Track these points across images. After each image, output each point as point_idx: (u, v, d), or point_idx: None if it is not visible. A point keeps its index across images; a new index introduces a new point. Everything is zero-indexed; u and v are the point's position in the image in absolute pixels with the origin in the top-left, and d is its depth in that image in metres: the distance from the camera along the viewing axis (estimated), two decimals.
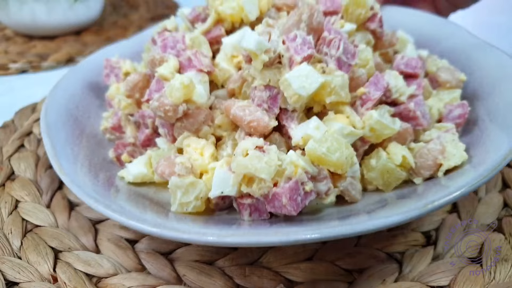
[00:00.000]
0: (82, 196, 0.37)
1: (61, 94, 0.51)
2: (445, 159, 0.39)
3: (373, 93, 0.40)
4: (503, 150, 0.37)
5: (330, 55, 0.39)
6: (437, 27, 0.60)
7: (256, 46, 0.37)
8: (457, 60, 0.53)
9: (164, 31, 0.51)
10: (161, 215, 0.37)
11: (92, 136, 0.50)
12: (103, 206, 0.35)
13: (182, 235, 0.32)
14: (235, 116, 0.39)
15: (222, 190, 0.36)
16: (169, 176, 0.38)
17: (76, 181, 0.39)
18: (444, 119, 0.46)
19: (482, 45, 0.53)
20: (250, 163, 0.35)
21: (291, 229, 0.33)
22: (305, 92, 0.37)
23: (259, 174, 0.34)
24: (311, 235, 0.31)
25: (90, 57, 0.60)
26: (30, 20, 0.87)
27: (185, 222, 0.36)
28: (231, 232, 0.33)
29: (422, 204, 0.33)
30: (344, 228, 0.31)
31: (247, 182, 0.36)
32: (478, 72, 0.51)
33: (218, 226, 0.36)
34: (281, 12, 0.48)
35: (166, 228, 0.33)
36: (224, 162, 0.38)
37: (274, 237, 0.31)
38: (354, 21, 0.47)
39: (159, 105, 0.39)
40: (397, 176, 0.39)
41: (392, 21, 0.61)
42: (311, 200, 0.36)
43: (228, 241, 0.32)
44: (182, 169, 0.38)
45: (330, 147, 0.36)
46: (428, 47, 0.57)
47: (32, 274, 0.40)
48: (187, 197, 0.37)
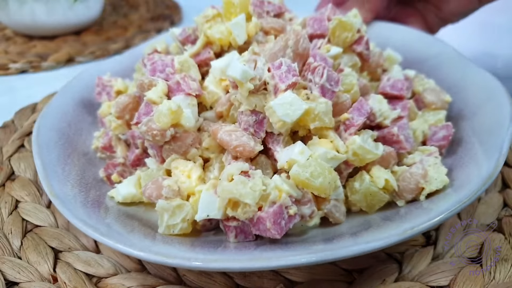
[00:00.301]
0: (72, 219, 0.37)
1: (53, 112, 0.52)
2: (427, 183, 0.40)
3: (356, 118, 0.41)
4: (483, 174, 0.38)
5: (314, 82, 0.40)
6: (425, 44, 0.61)
7: (241, 75, 0.38)
8: (443, 79, 0.54)
9: (154, 52, 0.52)
10: (149, 237, 0.38)
11: (84, 154, 0.51)
12: (92, 229, 0.36)
13: (167, 260, 0.33)
14: (221, 140, 0.40)
15: (208, 213, 0.37)
16: (156, 198, 0.39)
17: (67, 203, 0.39)
18: (428, 141, 0.47)
19: (469, 65, 0.54)
20: (235, 188, 0.35)
21: (275, 254, 0.34)
22: (289, 119, 0.38)
23: (244, 199, 0.35)
24: (292, 261, 0.32)
25: (82, 74, 0.60)
26: (30, 20, 0.88)
27: (171, 245, 0.37)
28: (216, 257, 0.34)
29: (402, 230, 0.34)
30: (326, 253, 0.32)
31: (232, 206, 0.37)
32: (464, 92, 0.52)
33: (204, 250, 0.37)
34: (269, 36, 0.49)
35: (152, 252, 0.34)
36: (211, 186, 0.39)
37: (258, 262, 0.32)
38: (340, 44, 0.48)
39: (147, 130, 0.40)
40: (380, 199, 0.40)
41: (381, 37, 0.62)
42: (295, 223, 0.37)
43: (213, 266, 0.33)
44: (169, 192, 0.39)
45: (314, 172, 0.37)
46: (416, 64, 0.58)
47: (32, 274, 0.40)
48: (173, 219, 0.38)
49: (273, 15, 0.52)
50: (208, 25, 0.48)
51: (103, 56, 0.88)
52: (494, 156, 0.39)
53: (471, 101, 0.50)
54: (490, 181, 0.37)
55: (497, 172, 0.37)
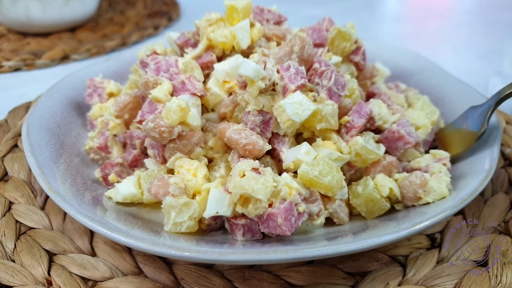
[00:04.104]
0: (76, 215, 0.36)
1: (42, 113, 0.51)
2: (425, 192, 0.40)
3: (356, 120, 0.42)
4: (480, 173, 0.40)
5: (322, 85, 0.42)
6: (410, 60, 0.65)
7: (254, 73, 0.38)
8: (428, 93, 0.57)
9: (154, 54, 0.52)
10: (153, 234, 0.37)
11: (76, 155, 0.50)
12: (99, 224, 0.35)
13: (183, 253, 0.33)
14: (230, 139, 0.40)
15: (217, 210, 0.37)
16: (163, 196, 0.39)
17: (68, 199, 0.39)
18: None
19: (451, 79, 0.57)
20: (247, 183, 0.36)
21: (288, 247, 0.34)
22: (298, 119, 0.39)
23: (256, 195, 0.35)
24: (315, 252, 0.33)
25: (70, 76, 0.60)
26: (24, 17, 0.85)
27: (179, 241, 0.36)
28: (231, 250, 0.34)
29: (402, 227, 0.35)
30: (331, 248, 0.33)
31: (242, 203, 0.37)
32: (450, 104, 0.55)
33: (211, 246, 0.36)
34: (271, 42, 0.50)
35: (166, 246, 0.33)
36: (219, 183, 0.39)
37: (274, 255, 0.33)
38: (339, 53, 0.50)
39: (155, 126, 0.40)
40: (380, 207, 0.41)
41: (368, 53, 0.66)
42: (303, 221, 0.38)
43: (229, 258, 0.33)
44: (176, 190, 0.39)
45: (322, 170, 0.38)
46: (402, 79, 0.62)
47: (26, 278, 0.39)
48: (181, 217, 0.38)
49: (272, 23, 0.53)
50: (211, 28, 0.48)
51: (99, 54, 0.85)
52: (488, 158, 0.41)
53: (456, 111, 0.53)
54: (488, 179, 0.39)
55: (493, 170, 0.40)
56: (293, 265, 0.40)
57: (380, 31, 1.05)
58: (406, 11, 1.25)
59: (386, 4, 1.32)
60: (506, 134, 0.58)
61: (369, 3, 1.27)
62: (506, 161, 0.54)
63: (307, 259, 0.33)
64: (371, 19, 1.15)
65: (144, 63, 0.49)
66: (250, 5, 0.50)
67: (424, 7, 1.22)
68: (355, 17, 1.14)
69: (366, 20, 1.13)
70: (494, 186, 0.49)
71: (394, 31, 1.07)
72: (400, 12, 1.25)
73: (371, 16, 1.18)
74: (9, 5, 0.83)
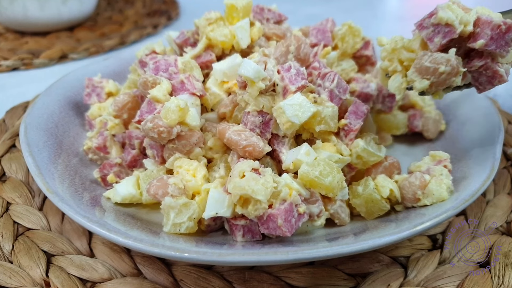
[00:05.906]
0: (74, 216, 0.36)
1: (40, 113, 0.51)
2: (424, 195, 0.40)
3: (353, 123, 0.42)
4: (481, 175, 0.39)
5: (324, 86, 0.41)
6: None
7: (254, 74, 0.38)
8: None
9: (153, 53, 0.51)
10: (152, 235, 0.37)
11: (74, 156, 0.49)
12: (98, 225, 0.35)
13: (182, 254, 0.32)
14: (230, 140, 0.40)
15: (216, 211, 0.37)
16: (162, 196, 0.39)
17: (66, 200, 0.38)
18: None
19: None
20: (247, 184, 0.35)
21: (288, 248, 0.34)
22: (297, 120, 0.39)
23: (256, 196, 0.35)
24: (316, 253, 0.32)
25: (69, 75, 0.59)
26: (22, 16, 0.85)
27: (178, 242, 0.36)
28: (231, 251, 0.34)
29: (403, 228, 0.34)
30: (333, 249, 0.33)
31: (242, 204, 0.37)
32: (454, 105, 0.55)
33: (210, 247, 0.36)
34: (270, 41, 0.50)
35: (165, 247, 0.33)
36: (218, 184, 0.39)
37: (275, 256, 0.32)
38: (348, 49, 0.50)
39: (154, 126, 0.39)
40: (380, 207, 0.40)
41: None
42: (303, 222, 0.37)
43: (229, 259, 0.32)
44: (175, 190, 0.39)
45: (323, 171, 0.37)
46: None
47: (24, 279, 0.39)
48: (180, 217, 0.38)
49: (273, 22, 0.53)
50: (211, 27, 0.48)
51: (98, 53, 0.85)
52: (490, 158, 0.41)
53: (456, 108, 0.53)
54: (490, 180, 0.39)
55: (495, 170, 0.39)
56: (294, 266, 0.40)
57: (381, 29, 1.05)
58: (407, 9, 1.24)
59: (387, 3, 1.31)
60: (508, 134, 0.58)
61: (370, 2, 1.27)
62: (509, 161, 0.53)
63: (307, 260, 0.33)
64: (372, 17, 1.15)
65: (143, 63, 0.49)
66: (250, 4, 0.50)
67: (425, 5, 1.22)
68: (356, 15, 1.14)
69: (367, 18, 1.12)
70: (496, 186, 0.49)
71: (395, 29, 1.06)
72: (401, 10, 1.24)
73: (372, 14, 1.17)
74: (7, 4, 0.83)
